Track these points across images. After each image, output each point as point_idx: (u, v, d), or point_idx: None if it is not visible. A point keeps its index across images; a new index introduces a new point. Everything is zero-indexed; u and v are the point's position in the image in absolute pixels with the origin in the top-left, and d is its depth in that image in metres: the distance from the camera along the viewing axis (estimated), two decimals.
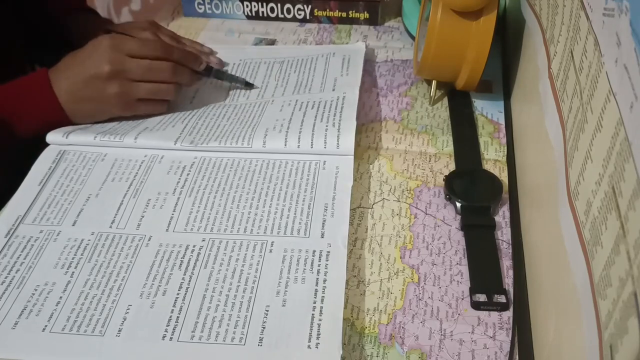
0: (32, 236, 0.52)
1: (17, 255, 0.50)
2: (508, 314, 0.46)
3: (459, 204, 0.53)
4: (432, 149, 0.61)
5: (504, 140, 0.61)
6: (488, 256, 0.49)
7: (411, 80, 0.71)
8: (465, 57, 0.62)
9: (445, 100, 0.68)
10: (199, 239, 0.51)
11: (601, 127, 0.32)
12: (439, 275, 0.49)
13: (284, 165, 0.57)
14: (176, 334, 0.43)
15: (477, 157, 0.59)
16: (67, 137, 0.60)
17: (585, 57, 0.38)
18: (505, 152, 0.60)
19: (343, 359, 0.42)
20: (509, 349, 0.43)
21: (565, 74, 0.43)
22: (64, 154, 0.60)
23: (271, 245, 0.50)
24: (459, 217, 0.53)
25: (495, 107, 0.66)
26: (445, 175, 0.56)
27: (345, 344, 0.44)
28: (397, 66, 0.74)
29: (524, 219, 0.52)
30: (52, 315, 0.45)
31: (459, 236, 0.52)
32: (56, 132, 0.61)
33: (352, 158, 0.57)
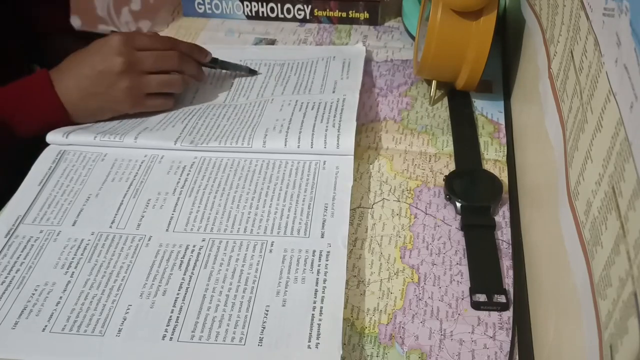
0: (32, 236, 0.52)
1: (17, 255, 0.50)
2: (508, 314, 0.46)
3: (459, 204, 0.53)
4: (432, 149, 0.61)
5: (504, 140, 0.61)
6: (488, 256, 0.49)
7: (411, 80, 0.71)
8: (465, 57, 0.62)
9: (445, 100, 0.68)
10: (199, 239, 0.51)
11: (601, 127, 0.32)
12: (439, 275, 0.49)
13: (284, 165, 0.57)
14: (176, 334, 0.43)
15: (477, 157, 0.59)
16: (67, 137, 0.60)
17: (585, 57, 0.38)
18: (505, 152, 0.60)
19: (343, 359, 0.42)
20: (509, 349, 0.43)
21: (565, 74, 0.43)
22: (64, 154, 0.60)
23: (271, 245, 0.50)
24: (459, 217, 0.53)
25: (495, 107, 0.66)
26: (445, 175, 0.56)
27: (345, 344, 0.44)
28: (397, 66, 0.74)
29: (524, 219, 0.52)
30: (52, 315, 0.45)
31: (459, 236, 0.52)
32: (56, 132, 0.61)
33: (352, 158, 0.57)
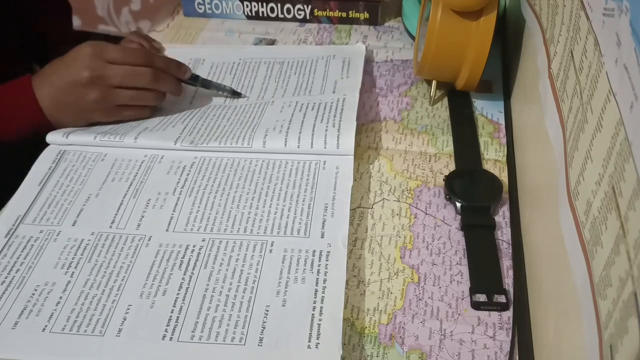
0: (32, 236, 0.52)
1: (17, 255, 0.50)
2: (508, 314, 0.46)
3: (459, 204, 0.53)
4: (432, 149, 0.61)
5: (504, 140, 0.61)
6: (488, 256, 0.49)
7: (411, 80, 0.71)
8: (465, 57, 0.62)
9: (445, 100, 0.68)
10: (199, 239, 0.51)
11: (601, 127, 0.32)
12: (439, 275, 0.49)
13: (284, 165, 0.57)
14: (176, 334, 0.43)
15: (477, 157, 0.59)
16: (67, 137, 0.60)
17: (585, 57, 0.38)
18: (505, 152, 0.60)
19: (343, 359, 0.42)
20: (509, 349, 0.43)
21: (565, 74, 0.43)
22: (64, 154, 0.60)
23: (271, 245, 0.50)
24: (459, 217, 0.53)
25: (495, 107, 0.66)
26: (445, 175, 0.56)
27: (345, 344, 0.44)
28: (397, 66, 0.74)
29: (524, 219, 0.52)
30: (52, 315, 0.45)
31: (459, 236, 0.52)
32: (56, 132, 0.61)
33: (352, 158, 0.57)
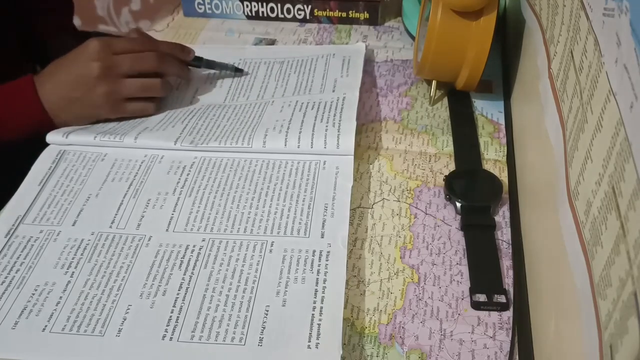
0: (32, 236, 0.52)
1: (17, 255, 0.50)
2: (508, 314, 0.46)
3: (459, 204, 0.53)
4: (432, 149, 0.61)
5: (504, 140, 0.61)
6: (488, 256, 0.49)
7: (411, 80, 0.71)
8: (465, 57, 0.62)
9: (445, 100, 0.68)
10: (199, 239, 0.51)
11: (601, 127, 0.32)
12: (439, 275, 0.49)
13: (284, 165, 0.57)
14: (176, 334, 0.43)
15: (477, 157, 0.59)
16: (67, 137, 0.60)
17: (585, 57, 0.38)
18: (505, 152, 0.60)
19: (343, 359, 0.42)
20: (509, 349, 0.43)
21: (565, 74, 0.43)
22: (64, 154, 0.60)
23: (271, 245, 0.50)
24: (459, 217, 0.53)
25: (495, 107, 0.66)
26: (445, 175, 0.56)
27: (345, 344, 0.44)
28: (397, 66, 0.74)
29: (524, 219, 0.52)
30: (52, 315, 0.45)
31: (459, 236, 0.52)
32: (56, 132, 0.61)
33: (352, 158, 0.57)
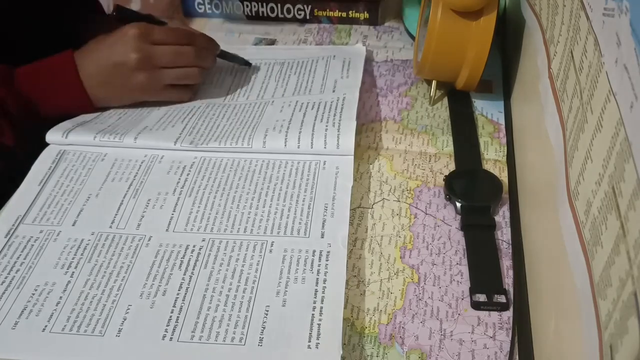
0: (32, 236, 0.52)
1: (17, 255, 0.50)
2: (508, 314, 0.46)
3: (459, 204, 0.53)
4: (432, 149, 0.61)
5: (504, 140, 0.61)
6: (488, 256, 0.49)
7: (411, 80, 0.71)
8: (465, 57, 0.62)
9: (445, 100, 0.68)
10: (199, 239, 0.51)
11: (601, 127, 0.32)
12: (439, 275, 0.49)
13: (284, 166, 0.57)
14: (176, 334, 0.43)
15: (477, 157, 0.59)
16: (67, 137, 0.60)
17: (585, 57, 0.38)
18: (505, 152, 0.60)
19: (343, 359, 0.42)
20: (509, 349, 0.43)
21: (565, 74, 0.43)
22: (63, 153, 0.60)
23: (271, 245, 0.50)
24: (459, 217, 0.53)
25: (495, 107, 0.66)
26: (445, 175, 0.56)
27: (345, 344, 0.44)
28: (397, 66, 0.74)
29: (524, 219, 0.52)
30: (52, 315, 0.45)
31: (459, 236, 0.52)
32: (56, 132, 0.61)
33: (352, 158, 0.57)
